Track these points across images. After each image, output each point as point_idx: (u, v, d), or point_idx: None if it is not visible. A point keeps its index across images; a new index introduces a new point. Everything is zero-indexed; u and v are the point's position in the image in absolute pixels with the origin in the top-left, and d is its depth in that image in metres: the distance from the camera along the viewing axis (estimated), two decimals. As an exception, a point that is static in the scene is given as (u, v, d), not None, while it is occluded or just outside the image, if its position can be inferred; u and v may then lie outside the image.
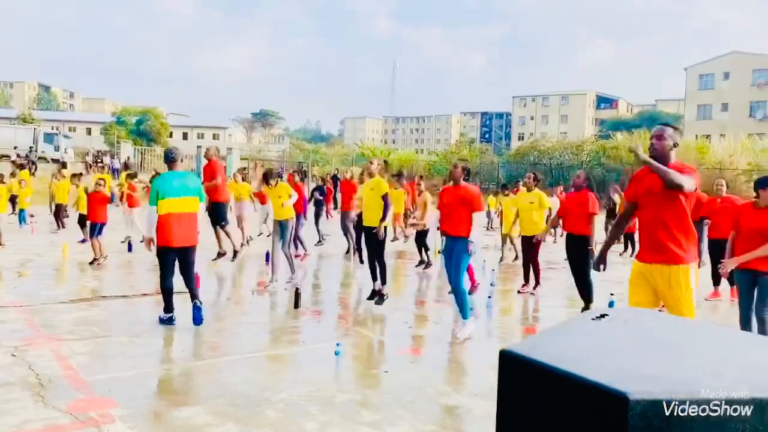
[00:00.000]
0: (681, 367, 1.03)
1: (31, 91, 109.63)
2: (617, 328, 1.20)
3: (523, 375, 1.04)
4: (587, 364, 0.99)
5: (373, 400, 4.64)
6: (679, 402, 0.90)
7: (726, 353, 1.12)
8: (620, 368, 0.98)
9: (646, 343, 1.10)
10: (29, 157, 31.24)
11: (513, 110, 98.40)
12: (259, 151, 66.85)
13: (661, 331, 1.22)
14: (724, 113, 56.63)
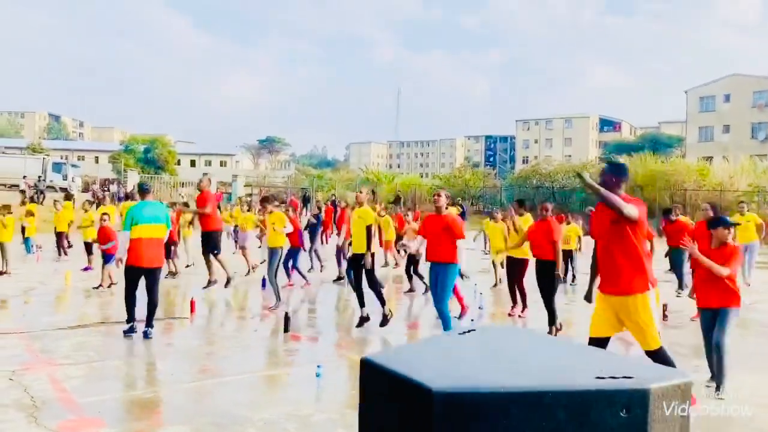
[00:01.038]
0: (495, 369, 1.30)
1: (41, 121, 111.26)
2: (469, 341, 1.48)
3: (373, 377, 1.32)
4: (419, 366, 1.27)
5: (352, 420, 4.88)
6: (478, 394, 1.17)
7: (545, 358, 1.40)
8: (442, 369, 1.25)
9: (481, 352, 1.37)
10: (38, 187, 31.81)
11: (517, 134, 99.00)
12: (265, 177, 67.41)
13: (502, 343, 1.50)
14: (725, 135, 56.85)
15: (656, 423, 1.23)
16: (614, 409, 1.20)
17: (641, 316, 4.51)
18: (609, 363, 1.35)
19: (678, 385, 1.27)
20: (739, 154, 46.55)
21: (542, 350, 1.47)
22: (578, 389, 1.21)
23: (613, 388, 1.22)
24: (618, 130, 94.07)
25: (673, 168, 39.36)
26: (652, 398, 1.22)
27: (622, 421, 1.20)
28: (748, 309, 10.20)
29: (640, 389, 1.21)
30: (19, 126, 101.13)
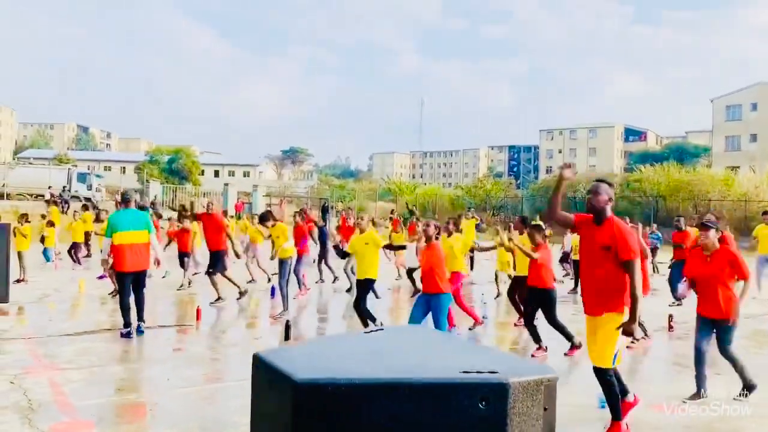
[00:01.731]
0: (367, 363, 1.37)
1: (70, 132, 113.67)
2: (365, 339, 1.55)
3: (260, 370, 1.40)
4: (297, 360, 1.34)
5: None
6: (337, 384, 1.24)
7: (425, 354, 1.47)
8: (316, 363, 1.33)
9: (368, 348, 1.45)
10: (62, 197, 32.48)
11: (540, 144, 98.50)
12: (287, 188, 67.99)
13: (396, 341, 1.57)
14: (753, 144, 55.93)
15: (516, 416, 1.28)
16: (473, 401, 1.26)
17: (605, 333, 4.49)
18: (482, 359, 1.41)
19: (541, 380, 1.33)
20: (766, 163, 45.79)
21: (428, 347, 1.54)
22: (436, 381, 1.28)
23: (474, 381, 1.28)
24: (644, 140, 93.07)
25: (697, 178, 38.84)
26: (511, 392, 1.28)
27: (481, 412, 1.26)
28: (761, 320, 10.08)
29: (500, 383, 1.27)
30: (48, 137, 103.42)
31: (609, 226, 4.53)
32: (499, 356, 1.52)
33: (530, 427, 1.28)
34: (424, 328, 1.80)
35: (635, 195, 39.55)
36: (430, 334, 1.78)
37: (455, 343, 1.66)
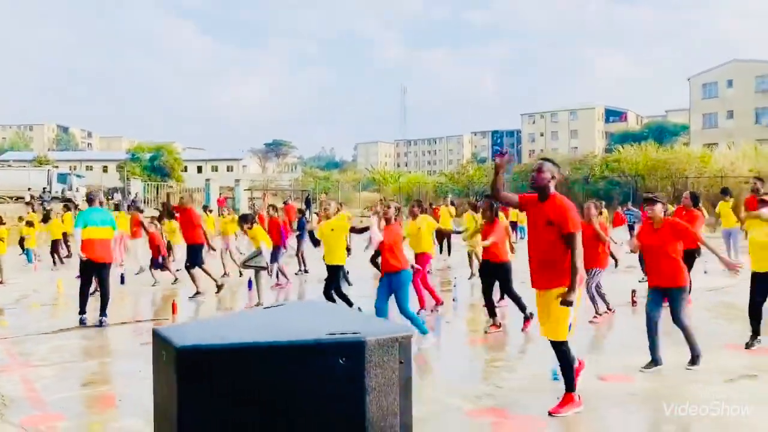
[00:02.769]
0: (249, 330, 1.56)
1: (50, 133, 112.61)
2: (260, 313, 1.74)
3: (157, 343, 1.59)
4: (185, 332, 1.54)
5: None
6: (214, 349, 1.44)
7: (303, 322, 1.66)
8: (201, 333, 1.52)
9: (257, 320, 1.64)
10: (42, 198, 32.39)
11: (522, 128, 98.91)
12: (270, 181, 68.02)
13: (285, 314, 1.76)
14: (729, 121, 56.60)
15: (373, 368, 1.49)
16: (335, 357, 1.46)
17: (556, 308, 4.67)
18: (351, 324, 1.61)
19: (395, 338, 1.53)
20: (743, 139, 46.37)
21: (312, 317, 1.74)
22: (303, 342, 1.48)
23: (335, 341, 1.48)
24: (624, 120, 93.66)
25: (674, 156, 39.38)
26: (367, 348, 1.48)
27: (341, 365, 1.46)
28: (724, 292, 10.39)
29: (357, 341, 1.47)
30: (28, 139, 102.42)
31: (552, 202, 4.73)
32: (367, 320, 1.72)
33: (387, 376, 1.48)
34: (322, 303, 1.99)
35: (614, 175, 40.01)
36: (323, 307, 1.98)
37: (337, 313, 1.86)
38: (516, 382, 5.60)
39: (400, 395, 1.53)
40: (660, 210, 5.96)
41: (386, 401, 1.50)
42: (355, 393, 1.47)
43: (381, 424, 1.49)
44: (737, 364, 6.09)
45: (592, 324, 8.17)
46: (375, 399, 1.49)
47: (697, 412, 4.79)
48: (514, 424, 4.62)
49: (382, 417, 1.50)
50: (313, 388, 1.46)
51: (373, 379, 1.48)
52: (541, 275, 4.81)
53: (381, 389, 1.49)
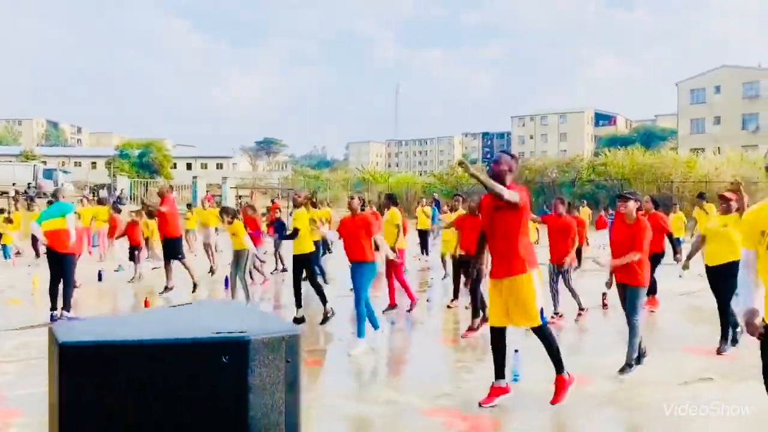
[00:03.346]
0: (138, 328, 1.60)
1: (39, 128, 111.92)
2: (162, 312, 1.78)
3: (50, 341, 1.63)
4: (78, 329, 1.57)
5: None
6: (96, 346, 1.47)
7: (195, 320, 1.71)
8: (89, 330, 1.56)
9: (155, 318, 1.67)
10: (27, 193, 32.18)
11: (512, 130, 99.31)
12: (260, 179, 67.88)
13: (184, 312, 1.80)
14: (716, 126, 57.09)
15: (257, 366, 1.53)
16: (218, 356, 1.50)
17: (523, 294, 4.85)
18: (243, 322, 1.65)
19: (282, 337, 1.57)
20: (729, 145, 46.75)
21: (210, 315, 1.78)
22: (187, 340, 1.52)
23: (219, 339, 1.52)
24: (613, 124, 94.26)
25: (659, 161, 39.62)
26: (251, 347, 1.52)
27: (224, 364, 1.50)
28: (695, 296, 10.49)
29: (240, 340, 1.52)
30: (17, 133, 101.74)
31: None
32: (259, 318, 1.76)
33: (273, 375, 1.52)
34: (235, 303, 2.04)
35: (600, 178, 40.23)
36: (226, 306, 2.02)
37: (239, 312, 1.90)
38: (476, 382, 5.65)
39: (287, 394, 1.56)
40: (633, 206, 6.06)
41: (271, 399, 1.54)
42: (238, 391, 1.51)
43: (265, 422, 1.53)
44: (695, 367, 6.18)
45: (577, 322, 8.30)
46: (259, 397, 1.53)
47: (648, 415, 4.87)
48: (464, 424, 4.67)
49: (267, 415, 1.54)
50: (195, 384, 1.50)
51: (257, 378, 1.52)
52: (501, 265, 4.94)
53: (266, 388, 1.53)
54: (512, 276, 4.89)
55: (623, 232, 6.09)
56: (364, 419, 4.85)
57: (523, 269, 4.87)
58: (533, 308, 4.89)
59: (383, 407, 5.05)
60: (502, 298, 4.99)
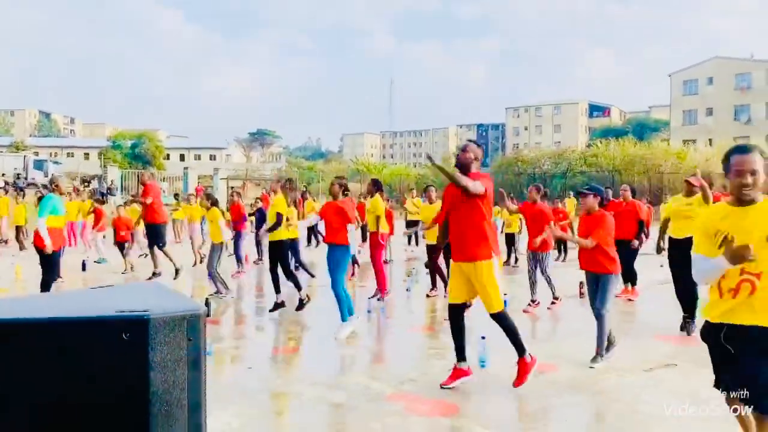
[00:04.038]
0: (45, 306, 1.66)
1: (31, 119, 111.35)
2: (76, 292, 1.83)
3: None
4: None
5: (224, 392, 5.25)
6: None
7: (106, 299, 1.76)
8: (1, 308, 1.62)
9: (66, 298, 1.72)
10: (17, 184, 32.04)
11: (507, 121, 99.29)
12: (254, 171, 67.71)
13: (100, 293, 1.86)
14: (709, 118, 57.21)
15: (158, 344, 1.58)
16: (119, 333, 1.55)
17: (485, 280, 4.96)
18: (143, 301, 1.71)
19: (183, 317, 1.62)
20: (721, 136, 46.90)
21: (122, 296, 1.83)
22: (89, 318, 1.57)
23: (121, 317, 1.57)
24: (607, 116, 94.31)
25: (651, 152, 39.79)
26: (151, 325, 1.57)
27: (126, 341, 1.56)
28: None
29: (141, 318, 1.56)
30: (9, 124, 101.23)
31: (472, 178, 4.99)
32: (169, 299, 1.80)
33: (174, 353, 1.57)
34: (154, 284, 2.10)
35: (592, 170, 40.36)
36: (145, 287, 2.07)
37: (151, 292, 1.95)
38: (443, 368, 5.72)
39: (189, 371, 1.61)
40: (592, 201, 6.13)
41: (173, 376, 1.59)
42: (139, 367, 1.56)
43: (167, 397, 1.58)
44: (662, 354, 6.27)
45: (525, 313, 8.36)
46: (160, 373, 1.57)
47: (610, 401, 4.96)
48: (424, 408, 4.74)
49: (168, 391, 1.59)
50: (97, 361, 1.55)
51: (158, 355, 1.57)
52: (464, 250, 5.04)
53: (167, 365, 1.58)
54: (476, 261, 5.00)
55: (587, 227, 6.19)
56: (327, 403, 4.92)
57: (487, 255, 4.98)
58: (496, 294, 5.01)
59: (348, 393, 5.11)
60: (463, 277, 5.12)
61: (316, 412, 4.79)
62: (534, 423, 4.62)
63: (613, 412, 4.76)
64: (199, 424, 1.67)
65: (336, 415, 4.73)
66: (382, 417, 4.58)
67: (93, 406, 1.57)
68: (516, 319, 7.66)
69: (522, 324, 7.93)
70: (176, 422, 1.63)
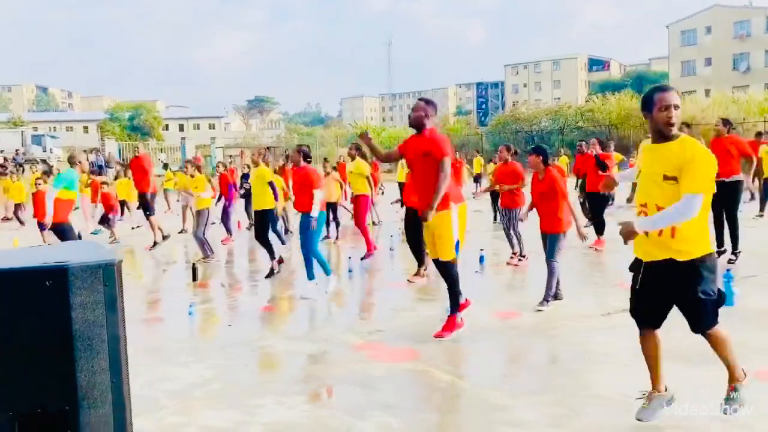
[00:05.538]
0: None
1: (29, 94, 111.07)
2: (11, 251, 2.11)
3: None
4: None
5: (202, 347, 5.60)
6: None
7: (38, 254, 2.04)
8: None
9: (19, 253, 2.01)
10: (15, 160, 32.38)
11: (506, 78, 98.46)
12: (252, 138, 67.61)
13: (40, 250, 2.15)
14: (707, 68, 56.72)
15: (78, 289, 1.86)
16: (43, 281, 1.83)
17: (439, 229, 5.26)
18: (67, 255, 1.98)
19: (99, 264, 1.90)
20: (720, 87, 46.56)
21: (46, 252, 2.12)
22: (18, 269, 1.85)
23: (42, 267, 1.85)
24: (607, 69, 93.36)
25: (647, 105, 39.55)
26: (71, 273, 1.85)
27: (48, 287, 1.84)
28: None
29: (61, 267, 1.84)
30: (7, 100, 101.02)
31: (428, 136, 5.30)
32: (91, 253, 2.08)
33: (92, 296, 1.85)
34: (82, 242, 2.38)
35: (588, 125, 40.24)
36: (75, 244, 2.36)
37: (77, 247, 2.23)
38: (409, 321, 6.05)
39: (107, 311, 1.89)
40: (535, 160, 6.41)
41: (93, 316, 1.86)
42: (63, 309, 1.83)
43: (88, 333, 1.86)
44: (620, 300, 6.55)
45: (509, 265, 8.65)
46: (80, 314, 1.85)
47: (564, 343, 5.27)
48: (386, 353, 5.08)
49: (89, 328, 1.87)
50: (22, 307, 1.83)
51: (77, 298, 1.84)
52: (423, 203, 5.31)
53: (86, 306, 1.86)
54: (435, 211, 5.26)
55: (536, 187, 6.50)
56: (298, 354, 5.25)
57: (442, 206, 5.23)
58: (449, 242, 5.30)
59: (319, 345, 5.44)
60: (429, 231, 5.40)
61: (286, 363, 5.13)
62: (488, 364, 4.94)
63: (565, 354, 5.06)
64: (118, 357, 1.97)
65: (304, 364, 5.06)
66: (347, 364, 4.91)
67: (24, 346, 1.86)
68: (497, 274, 8.04)
69: (494, 277, 8.30)
70: (98, 354, 1.92)
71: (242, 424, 3.84)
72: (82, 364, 1.89)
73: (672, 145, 3.27)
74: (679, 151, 3.22)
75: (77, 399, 1.90)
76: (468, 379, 4.58)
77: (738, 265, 7.80)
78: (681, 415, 3.58)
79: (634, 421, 3.55)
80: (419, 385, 4.53)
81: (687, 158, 3.18)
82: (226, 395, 4.34)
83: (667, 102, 3.25)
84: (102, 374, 1.93)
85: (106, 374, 1.94)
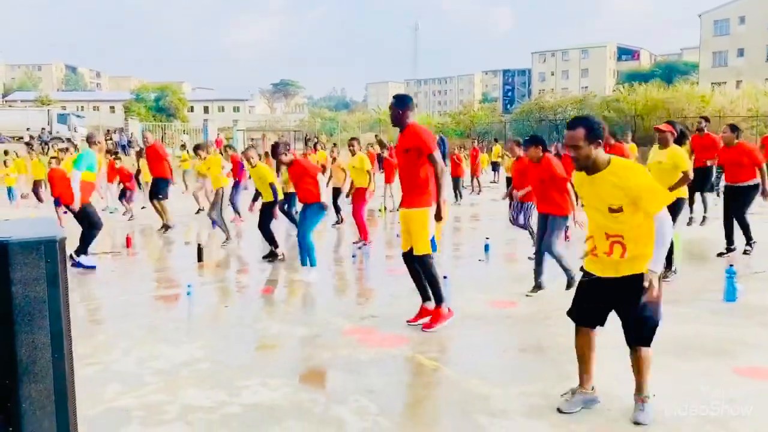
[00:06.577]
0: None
1: (58, 73, 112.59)
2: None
3: None
4: None
5: (196, 327, 5.65)
6: None
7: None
8: None
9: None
10: (41, 138, 32.90)
11: (533, 66, 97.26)
12: (276, 122, 67.87)
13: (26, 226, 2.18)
14: (740, 59, 55.40)
15: (18, 264, 1.88)
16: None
17: (415, 227, 5.27)
18: (11, 231, 2.00)
19: (40, 241, 1.91)
20: (752, 78, 45.50)
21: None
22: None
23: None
24: (637, 59, 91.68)
25: (674, 96, 38.87)
26: (11, 249, 1.86)
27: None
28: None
29: (1, 242, 1.86)
30: (36, 79, 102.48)
31: (408, 131, 5.26)
32: (35, 227, 2.09)
33: (33, 272, 1.87)
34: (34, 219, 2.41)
35: (613, 115, 39.65)
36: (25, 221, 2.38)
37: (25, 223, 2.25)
38: (402, 307, 6.02)
39: (49, 287, 1.91)
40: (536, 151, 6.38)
41: (34, 291, 1.88)
42: (2, 284, 1.86)
43: (29, 308, 1.88)
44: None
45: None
46: (21, 288, 1.87)
47: (555, 334, 5.21)
48: (375, 339, 5.08)
49: (30, 303, 1.88)
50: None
51: (18, 273, 1.86)
52: (406, 197, 5.33)
53: (27, 281, 1.87)
54: (409, 209, 5.29)
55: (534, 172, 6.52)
56: (289, 336, 5.27)
57: (420, 204, 5.24)
58: (424, 239, 5.27)
59: (311, 328, 5.46)
60: (405, 226, 5.38)
61: (277, 345, 5.15)
62: (476, 353, 4.90)
63: (554, 345, 5.00)
64: (60, 331, 1.98)
65: (295, 347, 5.07)
66: (335, 348, 4.92)
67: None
68: (504, 263, 7.97)
69: (498, 266, 8.24)
70: (39, 328, 1.94)
71: (223, 404, 3.88)
72: (23, 339, 1.91)
73: (605, 176, 3.27)
74: (618, 182, 3.22)
75: (18, 374, 1.92)
76: (454, 366, 4.56)
77: (745, 261, 7.64)
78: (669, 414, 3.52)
79: (609, 414, 3.50)
80: (404, 372, 4.52)
81: (630, 186, 3.19)
82: (212, 375, 4.38)
83: (566, 141, 3.30)
84: (43, 349, 1.95)
85: (47, 349, 1.95)
